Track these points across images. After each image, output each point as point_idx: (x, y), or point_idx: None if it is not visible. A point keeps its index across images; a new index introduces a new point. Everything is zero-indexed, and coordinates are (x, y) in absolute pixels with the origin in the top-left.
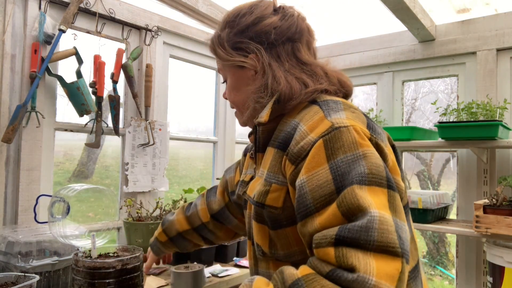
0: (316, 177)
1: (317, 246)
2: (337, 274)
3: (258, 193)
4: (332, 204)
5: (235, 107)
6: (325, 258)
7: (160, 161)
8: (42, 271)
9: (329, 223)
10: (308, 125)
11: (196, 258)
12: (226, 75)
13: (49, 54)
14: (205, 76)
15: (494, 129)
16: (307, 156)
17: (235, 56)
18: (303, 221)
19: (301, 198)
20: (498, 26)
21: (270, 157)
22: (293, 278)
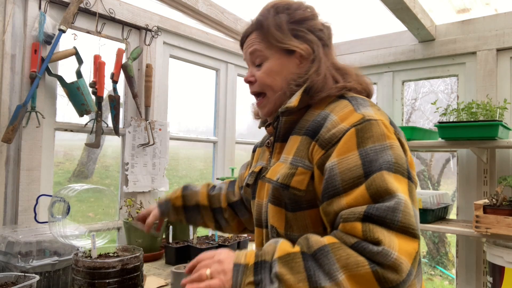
0: (346, 161)
1: (344, 221)
2: (362, 245)
3: (283, 176)
4: (360, 186)
5: (267, 91)
6: (352, 232)
7: (160, 161)
8: (42, 271)
9: (356, 203)
10: (339, 116)
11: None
12: (266, 57)
13: (49, 54)
14: (205, 76)
15: (494, 129)
16: (338, 142)
17: (292, 40)
18: (330, 201)
19: (330, 179)
20: (498, 26)
21: (296, 143)
22: (320, 244)
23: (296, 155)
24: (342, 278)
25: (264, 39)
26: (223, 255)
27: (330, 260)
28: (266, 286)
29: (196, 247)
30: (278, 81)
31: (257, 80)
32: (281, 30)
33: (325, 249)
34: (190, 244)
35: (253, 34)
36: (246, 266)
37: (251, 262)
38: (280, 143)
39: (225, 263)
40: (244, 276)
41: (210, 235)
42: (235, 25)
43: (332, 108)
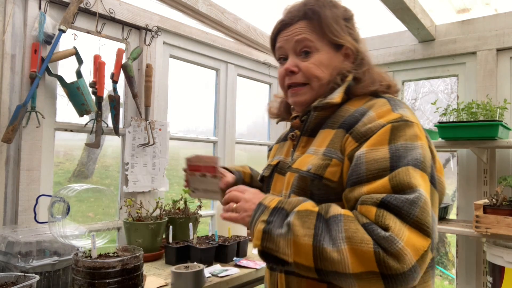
0: (374, 152)
1: (361, 204)
2: (372, 227)
3: (317, 166)
4: (383, 178)
5: (312, 82)
6: (366, 214)
7: (160, 161)
8: (42, 271)
9: (376, 191)
10: (377, 113)
11: (196, 258)
12: (316, 49)
13: (49, 54)
14: (205, 76)
15: (494, 129)
16: (372, 135)
17: (347, 36)
18: (352, 188)
19: (356, 167)
20: (498, 26)
21: (329, 136)
22: (336, 213)
23: (330, 146)
24: (344, 247)
25: (317, 29)
26: (252, 194)
27: (339, 227)
28: (274, 227)
29: (196, 247)
30: (327, 74)
31: (302, 71)
32: (338, 25)
33: (338, 217)
34: (190, 244)
35: (301, 23)
36: (267, 207)
37: (272, 205)
38: (307, 137)
39: (250, 202)
40: (262, 214)
41: (210, 235)
42: (235, 25)
43: (370, 105)
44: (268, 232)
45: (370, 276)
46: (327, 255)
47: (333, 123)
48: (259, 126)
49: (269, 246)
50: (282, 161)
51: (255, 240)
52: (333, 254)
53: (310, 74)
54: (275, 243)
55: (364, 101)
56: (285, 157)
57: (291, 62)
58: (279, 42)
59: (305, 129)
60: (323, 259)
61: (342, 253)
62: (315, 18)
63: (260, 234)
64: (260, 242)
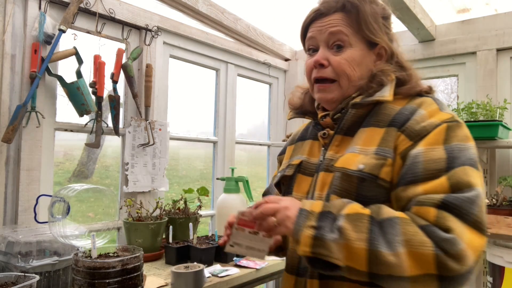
0: (432, 152)
1: (418, 204)
2: (432, 229)
3: (371, 166)
4: (439, 178)
5: (341, 79)
6: (424, 216)
7: (160, 161)
8: (42, 271)
9: (434, 191)
10: (428, 111)
11: (196, 258)
12: (350, 44)
13: (49, 54)
14: (205, 76)
15: (494, 129)
16: (427, 134)
17: (384, 35)
18: (405, 187)
19: (412, 165)
20: (498, 26)
21: (378, 135)
22: (390, 215)
23: (382, 145)
24: (402, 251)
25: (354, 24)
26: (289, 202)
27: (395, 231)
28: (325, 233)
29: (196, 247)
30: (357, 72)
31: (332, 65)
32: (376, 22)
33: (393, 220)
34: (190, 244)
35: (338, 14)
36: (311, 212)
37: (317, 210)
38: (342, 135)
39: (291, 209)
40: (307, 220)
41: (210, 235)
42: (235, 25)
43: (419, 104)
44: (320, 238)
45: (426, 278)
46: (383, 259)
47: (377, 121)
48: (259, 126)
49: (321, 251)
50: (305, 161)
51: (302, 246)
52: (389, 258)
53: (341, 70)
54: (328, 248)
55: (406, 100)
56: (308, 157)
57: (322, 54)
58: (310, 31)
59: (340, 128)
60: (379, 263)
61: (399, 257)
62: (354, 12)
63: (309, 240)
64: (310, 249)
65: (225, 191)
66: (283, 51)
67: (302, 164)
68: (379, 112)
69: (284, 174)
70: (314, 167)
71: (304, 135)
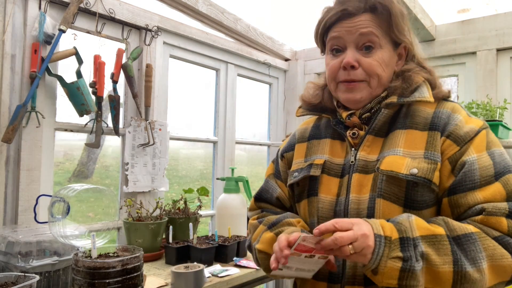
0: (482, 159)
1: (489, 214)
2: (507, 240)
3: (425, 170)
4: (493, 184)
5: (371, 80)
6: (496, 226)
7: (160, 161)
8: (42, 271)
9: (493, 198)
10: (463, 116)
11: (196, 258)
12: (380, 45)
13: (49, 54)
14: (205, 76)
15: (494, 129)
16: (471, 140)
17: (410, 36)
18: (464, 193)
19: (470, 173)
20: (498, 26)
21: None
22: (465, 231)
23: (430, 149)
24: (485, 266)
25: (384, 25)
26: (365, 227)
27: (477, 247)
28: (413, 264)
29: (196, 247)
30: (387, 73)
31: (363, 67)
32: (405, 23)
33: (472, 237)
34: (190, 244)
35: (367, 15)
36: (389, 239)
37: (394, 236)
38: (374, 136)
39: (370, 236)
40: (388, 249)
41: (210, 235)
42: (235, 25)
43: (451, 109)
44: (409, 270)
45: (498, 285)
46: (469, 277)
47: (415, 123)
48: (259, 126)
49: (410, 283)
50: (329, 161)
51: (388, 279)
52: (475, 276)
53: (372, 71)
54: (417, 279)
55: (435, 104)
56: (331, 157)
57: (352, 56)
58: (336, 31)
59: (372, 128)
60: (464, 281)
61: (483, 272)
62: (385, 13)
63: (396, 273)
64: (397, 281)
65: (225, 191)
66: (283, 51)
67: (326, 164)
68: (414, 114)
69: (310, 174)
70: (340, 168)
71: (317, 134)
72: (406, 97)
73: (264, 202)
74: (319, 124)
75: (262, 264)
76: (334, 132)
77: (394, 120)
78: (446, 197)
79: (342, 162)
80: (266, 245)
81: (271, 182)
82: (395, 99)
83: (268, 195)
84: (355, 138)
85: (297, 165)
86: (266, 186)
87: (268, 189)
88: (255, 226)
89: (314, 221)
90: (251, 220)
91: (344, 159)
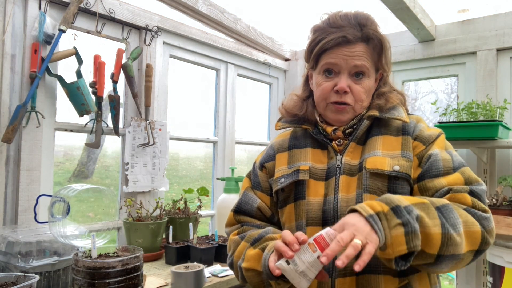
0: (443, 153)
1: (455, 192)
2: (473, 211)
3: (405, 167)
4: (452, 174)
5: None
6: (462, 200)
7: (160, 161)
8: (42, 271)
9: (455, 183)
10: (424, 125)
11: (196, 258)
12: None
13: (49, 54)
14: (205, 76)
15: (494, 129)
16: (434, 141)
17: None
18: (431, 179)
19: (435, 162)
20: (498, 26)
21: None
22: (443, 202)
23: (405, 149)
24: (462, 231)
25: (374, 57)
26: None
27: (454, 215)
28: (414, 224)
29: (196, 247)
30: (368, 97)
31: (353, 93)
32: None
33: (449, 207)
34: (190, 244)
35: (362, 45)
36: (382, 213)
37: (385, 209)
38: (356, 143)
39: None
40: (385, 221)
41: (210, 235)
42: (235, 25)
43: (416, 120)
44: (412, 232)
45: (469, 254)
46: (453, 240)
47: (389, 131)
48: (259, 126)
49: (416, 243)
50: (312, 167)
51: (398, 246)
52: (457, 239)
53: (359, 98)
54: (419, 238)
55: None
56: (314, 163)
57: (346, 82)
58: (333, 57)
59: (355, 136)
60: (449, 244)
61: (461, 236)
62: (378, 46)
63: (403, 238)
64: (405, 246)
65: (225, 191)
66: (283, 51)
67: (311, 169)
68: (387, 124)
69: (299, 178)
70: (324, 172)
71: (296, 144)
72: (385, 113)
73: (244, 214)
74: (296, 135)
75: (250, 282)
76: (314, 141)
77: (369, 130)
78: (416, 183)
79: (325, 167)
80: (252, 262)
81: (250, 194)
82: (377, 113)
83: (248, 207)
84: (340, 145)
85: (282, 172)
86: (245, 198)
87: (247, 200)
88: (236, 242)
89: (302, 222)
90: (232, 236)
91: (327, 164)
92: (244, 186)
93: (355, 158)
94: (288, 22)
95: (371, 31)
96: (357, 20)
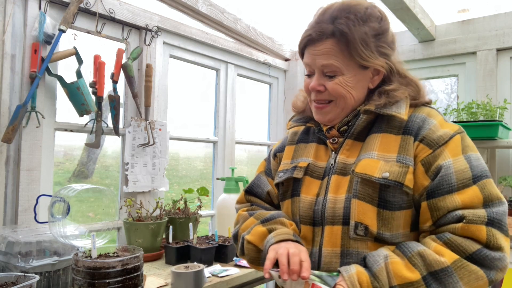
0: (458, 162)
1: (469, 222)
2: (485, 253)
3: (397, 173)
4: (471, 187)
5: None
6: (476, 234)
7: (160, 161)
8: (42, 271)
9: (471, 202)
10: (438, 121)
11: (196, 258)
12: (341, 72)
13: (49, 54)
14: (205, 76)
15: (494, 129)
16: (446, 143)
17: (377, 58)
18: (443, 197)
19: (446, 176)
20: (498, 26)
21: (393, 142)
22: (441, 265)
23: (403, 153)
24: None
25: (344, 52)
26: None
27: (453, 279)
28: None
29: (196, 247)
30: (353, 93)
31: (328, 90)
32: (368, 47)
33: (448, 270)
34: (190, 244)
35: (328, 43)
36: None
37: None
38: (353, 140)
39: None
40: None
41: (210, 235)
42: (235, 25)
43: (427, 113)
44: None
45: None
46: None
47: (390, 128)
48: (259, 126)
49: None
50: (312, 164)
51: None
52: None
53: (337, 93)
54: None
55: (412, 109)
56: (315, 160)
57: (317, 82)
58: (305, 57)
59: (351, 132)
60: None
61: None
62: (342, 40)
63: None
64: None
65: (225, 191)
66: (283, 51)
67: (309, 167)
68: (390, 119)
69: (293, 176)
70: (322, 171)
71: (305, 138)
72: (384, 108)
73: (254, 196)
74: (309, 129)
75: (247, 254)
76: (319, 138)
77: (372, 125)
78: (425, 200)
79: (324, 166)
80: (256, 238)
81: (263, 178)
82: (373, 107)
83: (259, 190)
84: (335, 144)
85: (284, 166)
86: (258, 181)
87: (259, 183)
88: (244, 217)
89: (297, 219)
90: (241, 211)
91: (326, 162)
92: (259, 169)
93: (351, 156)
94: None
95: (338, 24)
96: (331, 13)
